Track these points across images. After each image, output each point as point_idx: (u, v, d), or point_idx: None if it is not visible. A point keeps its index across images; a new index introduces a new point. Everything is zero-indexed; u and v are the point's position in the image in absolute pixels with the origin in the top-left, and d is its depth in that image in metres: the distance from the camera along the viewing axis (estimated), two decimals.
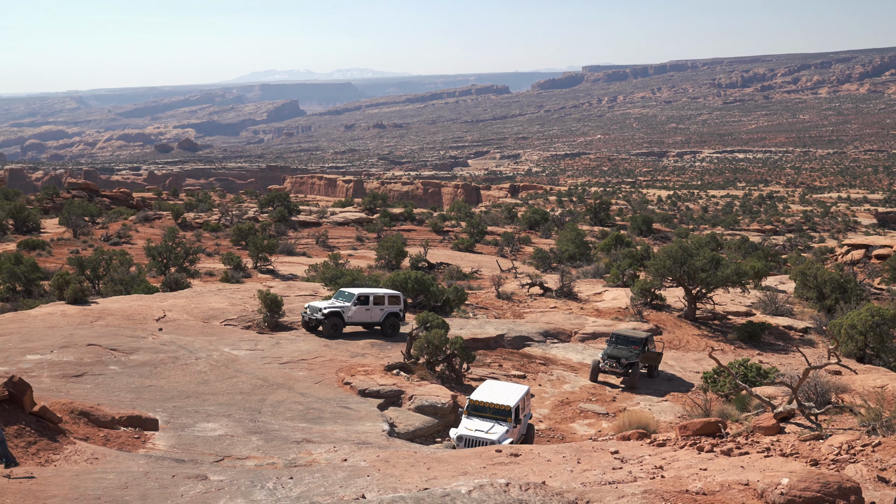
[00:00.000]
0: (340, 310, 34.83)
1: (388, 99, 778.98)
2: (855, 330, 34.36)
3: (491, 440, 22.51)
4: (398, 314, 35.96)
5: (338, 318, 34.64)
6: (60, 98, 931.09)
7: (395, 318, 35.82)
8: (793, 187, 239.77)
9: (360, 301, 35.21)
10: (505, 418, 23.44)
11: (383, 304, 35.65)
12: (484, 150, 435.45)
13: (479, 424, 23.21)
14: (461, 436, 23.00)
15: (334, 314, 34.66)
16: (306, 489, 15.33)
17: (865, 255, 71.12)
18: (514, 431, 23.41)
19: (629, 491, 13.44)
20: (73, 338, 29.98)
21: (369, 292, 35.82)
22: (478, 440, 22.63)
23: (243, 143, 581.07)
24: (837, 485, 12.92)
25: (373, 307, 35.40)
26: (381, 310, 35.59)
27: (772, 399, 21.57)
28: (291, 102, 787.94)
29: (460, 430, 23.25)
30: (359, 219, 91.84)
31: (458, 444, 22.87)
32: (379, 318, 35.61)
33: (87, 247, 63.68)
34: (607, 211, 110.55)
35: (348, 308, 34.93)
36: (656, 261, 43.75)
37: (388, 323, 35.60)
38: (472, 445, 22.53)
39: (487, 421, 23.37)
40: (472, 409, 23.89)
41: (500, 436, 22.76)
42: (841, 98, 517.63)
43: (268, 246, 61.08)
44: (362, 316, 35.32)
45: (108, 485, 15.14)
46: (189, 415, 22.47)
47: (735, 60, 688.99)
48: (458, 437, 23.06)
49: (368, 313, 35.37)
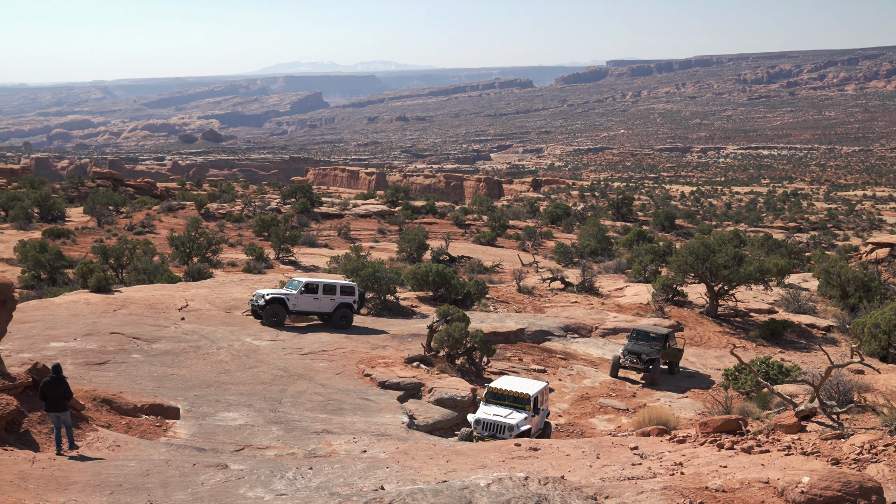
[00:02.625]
0: (284, 297, 33.86)
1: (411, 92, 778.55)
2: (878, 329, 34.09)
3: (509, 424, 22.48)
4: (351, 306, 34.85)
5: (279, 306, 33.62)
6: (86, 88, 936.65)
7: (346, 310, 34.70)
8: (817, 184, 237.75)
9: (307, 289, 34.27)
10: (523, 406, 23.41)
11: (334, 293, 34.57)
12: (507, 143, 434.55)
13: (498, 410, 23.21)
14: (479, 419, 22.96)
15: (276, 301, 33.71)
16: (325, 480, 15.39)
17: (890, 254, 70.38)
18: (532, 420, 23.33)
19: (648, 487, 13.40)
20: (96, 326, 30.21)
21: (319, 281, 34.83)
22: (496, 424, 22.58)
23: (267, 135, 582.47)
24: (859, 484, 12.83)
25: (322, 296, 34.35)
26: (332, 300, 34.46)
27: (793, 397, 21.45)
28: (315, 94, 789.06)
29: (478, 414, 23.26)
30: (381, 211, 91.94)
31: (475, 428, 22.85)
32: (329, 308, 34.49)
33: (112, 236, 64.13)
34: (630, 206, 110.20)
35: (293, 295, 33.99)
36: (678, 257, 43.55)
37: (338, 314, 34.52)
38: (491, 429, 22.53)
39: (506, 408, 23.37)
40: (490, 396, 23.90)
41: (519, 421, 22.71)
42: (868, 95, 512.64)
43: (290, 237, 61.29)
44: (309, 305, 34.29)
45: (130, 472, 15.26)
46: (210, 404, 22.60)
47: (761, 56, 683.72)
48: (475, 421, 23.03)
49: (317, 302, 34.33)
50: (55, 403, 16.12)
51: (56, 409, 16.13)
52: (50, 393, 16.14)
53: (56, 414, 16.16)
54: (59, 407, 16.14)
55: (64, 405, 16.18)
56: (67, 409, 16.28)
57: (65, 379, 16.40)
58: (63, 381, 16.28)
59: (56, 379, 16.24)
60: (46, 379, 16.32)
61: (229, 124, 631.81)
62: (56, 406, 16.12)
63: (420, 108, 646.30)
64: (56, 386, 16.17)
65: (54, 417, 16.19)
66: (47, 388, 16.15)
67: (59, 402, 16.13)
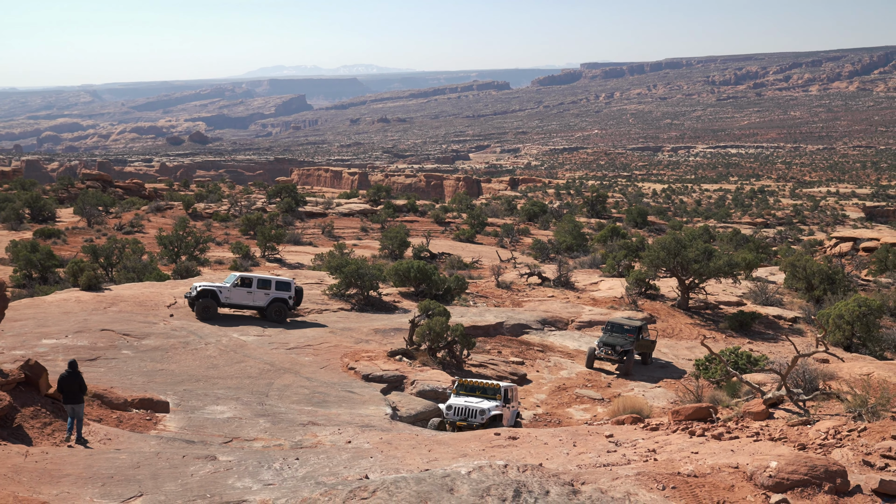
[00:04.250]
0: (217, 290, 33.29)
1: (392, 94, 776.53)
2: (842, 320, 34.42)
3: (481, 408, 22.55)
4: (286, 301, 34.12)
5: (211, 300, 33.06)
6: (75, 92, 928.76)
7: (281, 304, 34.04)
8: (783, 182, 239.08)
9: (241, 283, 33.74)
10: (494, 395, 23.50)
11: (269, 288, 33.98)
12: (485, 144, 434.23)
13: (469, 398, 23.30)
14: (451, 404, 23.02)
15: (207, 293, 33.17)
16: (311, 469, 15.38)
17: (853, 248, 71.06)
18: (504, 409, 23.36)
19: (623, 473, 13.46)
20: (87, 323, 30.04)
21: (254, 275, 34.47)
22: (468, 408, 22.63)
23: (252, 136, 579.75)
24: (824, 468, 12.94)
25: (256, 290, 33.75)
26: (266, 294, 33.87)
27: (761, 386, 21.60)
28: (299, 97, 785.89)
29: (450, 401, 23.35)
30: (363, 210, 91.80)
31: (447, 413, 22.90)
32: (263, 303, 33.90)
33: (101, 235, 63.70)
34: (604, 204, 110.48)
35: (225, 288, 33.43)
36: (651, 252, 43.74)
37: (272, 308, 33.89)
38: (462, 414, 22.58)
39: (476, 397, 23.46)
40: (460, 388, 24.01)
41: (490, 406, 22.75)
42: (831, 95, 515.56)
43: (275, 236, 61.09)
44: (242, 298, 33.73)
45: (121, 464, 15.20)
46: (199, 398, 22.53)
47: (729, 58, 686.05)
48: (447, 406, 23.09)
49: (250, 296, 33.76)
50: (71, 396, 16.90)
51: (72, 401, 16.91)
52: (66, 386, 16.96)
53: (72, 406, 16.92)
54: (74, 399, 16.92)
55: (79, 397, 16.97)
56: (82, 402, 17.05)
57: (80, 374, 17.26)
58: (78, 376, 17.14)
59: (72, 373, 17.11)
60: (63, 373, 17.20)
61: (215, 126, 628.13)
62: (72, 398, 16.91)
63: (401, 109, 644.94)
64: (72, 380, 17.01)
65: (70, 409, 16.95)
66: (64, 382, 17.02)
67: (74, 395, 16.92)
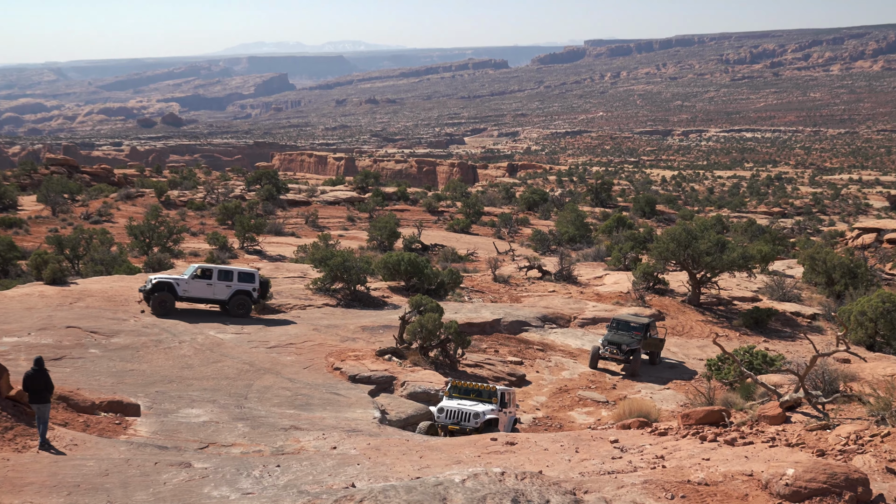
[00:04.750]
0: (174, 282, 33.04)
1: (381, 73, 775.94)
2: (865, 317, 34.46)
3: (475, 411, 22.61)
4: (250, 293, 33.90)
5: (167, 293, 32.80)
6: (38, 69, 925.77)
7: (244, 297, 33.83)
8: (802, 168, 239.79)
9: (201, 275, 33.49)
10: (489, 399, 23.55)
11: (231, 280, 33.70)
12: (481, 127, 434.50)
13: (463, 401, 23.36)
14: (443, 407, 23.08)
15: (163, 286, 32.89)
16: (294, 477, 15.38)
17: (877, 240, 71.11)
18: (500, 414, 23.39)
19: (629, 481, 13.50)
20: (51, 320, 29.98)
21: (214, 266, 34.18)
22: (461, 412, 22.69)
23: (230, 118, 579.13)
24: (844, 476, 12.97)
25: (217, 282, 33.47)
26: (228, 286, 33.57)
27: (778, 387, 21.65)
28: (280, 76, 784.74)
29: (441, 403, 23.40)
30: (350, 198, 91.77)
31: (438, 417, 22.95)
32: (224, 296, 33.62)
33: (67, 225, 63.60)
34: (609, 191, 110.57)
35: (183, 281, 33.17)
36: (659, 244, 43.78)
37: (235, 301, 33.68)
38: (455, 417, 22.63)
39: (471, 400, 23.52)
40: (453, 390, 24.05)
41: (485, 410, 22.80)
42: (854, 75, 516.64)
43: (255, 225, 61.01)
44: (202, 291, 33.47)
45: (88, 472, 15.17)
46: (172, 400, 22.51)
47: (744, 35, 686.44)
48: (439, 409, 23.15)
49: (211, 289, 33.48)
50: (36, 395, 16.84)
51: (37, 400, 16.85)
52: (32, 385, 16.89)
53: (37, 406, 16.86)
54: (39, 399, 16.84)
55: (45, 397, 16.86)
56: (48, 402, 16.93)
57: (46, 371, 17.17)
58: (45, 374, 17.04)
59: (38, 371, 17.02)
60: (28, 371, 17.08)
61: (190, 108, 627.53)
62: (37, 398, 16.85)
63: (390, 90, 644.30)
64: (38, 378, 16.95)
65: (36, 409, 16.91)
66: (28, 380, 16.94)
67: (40, 394, 16.84)
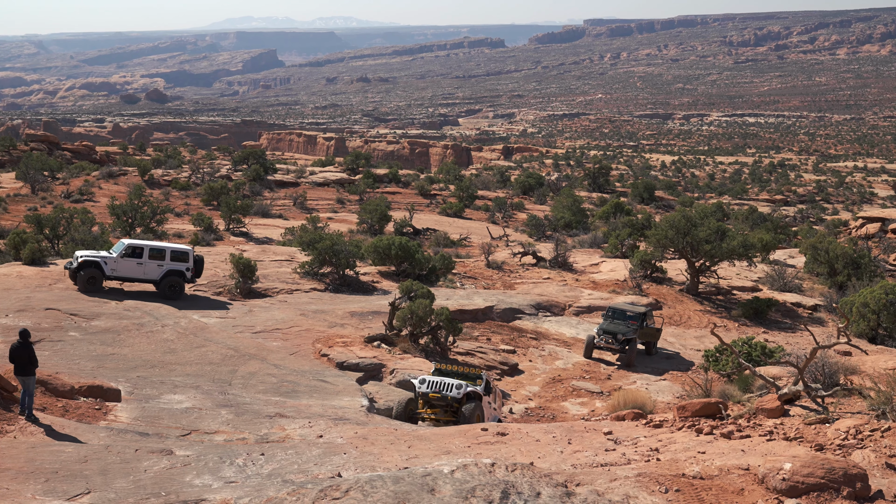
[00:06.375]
0: (101, 261, 32.35)
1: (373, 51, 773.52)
2: (867, 308, 34.54)
3: (458, 383, 22.75)
4: (182, 273, 33.12)
5: (95, 270, 32.17)
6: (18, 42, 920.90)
7: (176, 277, 33.05)
8: (806, 155, 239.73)
9: (131, 253, 32.73)
10: (474, 381, 23.63)
11: (162, 259, 32.90)
12: (476, 108, 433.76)
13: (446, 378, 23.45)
14: (424, 378, 23.18)
15: (90, 265, 32.23)
16: (278, 466, 15.42)
17: (881, 229, 71.19)
18: (483, 399, 23.41)
19: (622, 474, 13.55)
20: (29, 301, 29.93)
21: (145, 244, 33.40)
22: (443, 382, 22.77)
23: (216, 95, 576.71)
24: (843, 471, 13.04)
25: (148, 261, 32.68)
26: (160, 266, 32.79)
27: (776, 380, 21.74)
28: (269, 52, 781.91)
29: (422, 376, 23.52)
30: (340, 179, 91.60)
31: (420, 387, 23.04)
32: (155, 276, 32.84)
33: (47, 204, 63.33)
34: (607, 176, 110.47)
35: (111, 259, 32.50)
36: (658, 231, 43.83)
37: (166, 282, 32.90)
38: (437, 387, 22.71)
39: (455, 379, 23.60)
40: (438, 373, 24.13)
41: (466, 389, 22.82)
42: (860, 60, 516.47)
43: (241, 207, 60.87)
44: (131, 270, 32.73)
45: (67, 458, 15.18)
46: (154, 386, 22.51)
47: (748, 17, 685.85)
48: (420, 380, 23.25)
49: (141, 268, 32.68)
50: (21, 368, 17.48)
51: (22, 373, 17.50)
52: (17, 358, 17.53)
53: (22, 378, 17.50)
54: (23, 371, 17.49)
55: (29, 370, 17.51)
56: (33, 375, 17.62)
57: (31, 344, 17.84)
58: (29, 346, 17.68)
59: (22, 344, 17.65)
60: (14, 344, 17.75)
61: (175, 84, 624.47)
62: (21, 370, 17.49)
63: (383, 68, 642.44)
64: (22, 351, 17.58)
65: (21, 381, 17.55)
66: (14, 353, 17.59)
67: (24, 367, 17.48)
